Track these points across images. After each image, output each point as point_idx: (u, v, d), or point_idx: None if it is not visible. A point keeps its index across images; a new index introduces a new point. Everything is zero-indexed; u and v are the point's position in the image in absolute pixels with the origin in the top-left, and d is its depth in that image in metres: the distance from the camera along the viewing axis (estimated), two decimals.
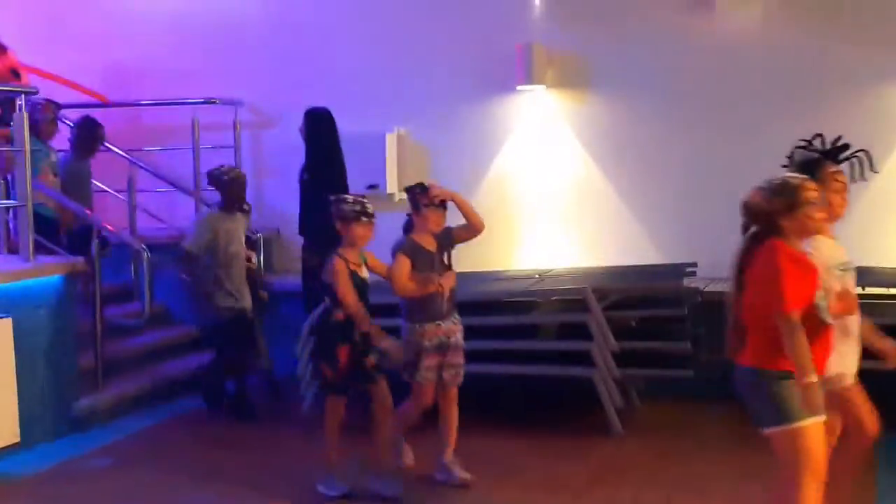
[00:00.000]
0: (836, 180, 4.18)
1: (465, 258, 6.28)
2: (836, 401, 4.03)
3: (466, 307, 5.78)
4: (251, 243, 7.47)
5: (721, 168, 7.51)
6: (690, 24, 7.73)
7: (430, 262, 5.36)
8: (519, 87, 8.08)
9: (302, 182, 7.05)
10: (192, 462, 5.94)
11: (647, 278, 6.99)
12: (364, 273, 5.27)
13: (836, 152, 4.29)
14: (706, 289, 6.73)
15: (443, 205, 5.39)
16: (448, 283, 5.36)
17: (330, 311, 5.24)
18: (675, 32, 7.76)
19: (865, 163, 4.39)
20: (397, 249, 5.39)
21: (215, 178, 6.86)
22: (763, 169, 4.18)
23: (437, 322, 5.33)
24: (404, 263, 5.27)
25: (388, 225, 5.62)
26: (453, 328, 5.42)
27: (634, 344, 6.41)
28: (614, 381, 6.30)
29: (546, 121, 8.16)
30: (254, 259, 7.40)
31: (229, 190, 6.84)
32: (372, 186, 8.10)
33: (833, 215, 4.14)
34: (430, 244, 5.41)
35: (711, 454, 5.89)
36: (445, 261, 5.49)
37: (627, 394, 6.79)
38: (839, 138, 4.31)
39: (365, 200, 5.26)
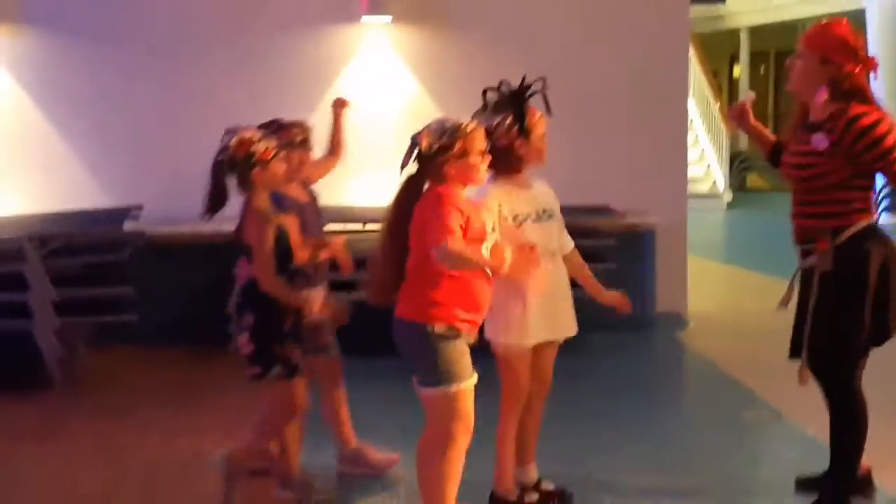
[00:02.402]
0: (539, 123, 3.96)
1: None
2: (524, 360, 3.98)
3: None
4: None
5: (172, 115, 7.49)
6: None
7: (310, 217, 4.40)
8: None
9: None
10: None
11: (89, 223, 6.79)
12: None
13: (523, 92, 3.98)
14: (152, 232, 6.70)
15: (308, 142, 4.44)
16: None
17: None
18: None
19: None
20: (277, 208, 4.20)
21: None
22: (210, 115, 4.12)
23: None
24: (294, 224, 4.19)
25: None
26: None
27: (76, 292, 6.21)
28: (56, 331, 6.08)
29: None
30: None
31: None
32: None
33: (538, 160, 3.97)
34: (303, 195, 4.47)
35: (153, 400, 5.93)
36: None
37: (72, 344, 6.57)
38: (523, 79, 3.98)
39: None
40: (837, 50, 3.87)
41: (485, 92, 4.01)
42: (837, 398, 3.99)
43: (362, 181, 7.43)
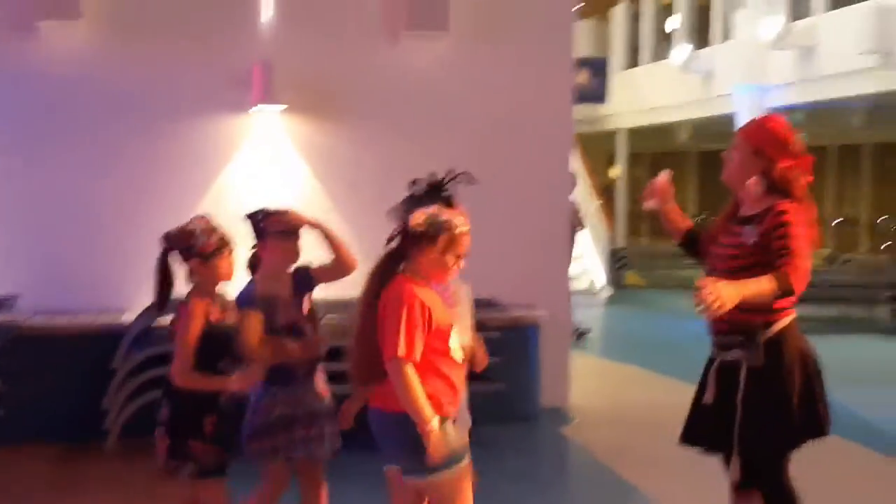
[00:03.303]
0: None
1: None
2: None
3: None
4: None
5: (52, 200, 7.23)
6: None
7: (291, 313, 4.25)
8: None
9: None
10: None
11: None
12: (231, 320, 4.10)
13: (439, 187, 4.08)
14: (26, 323, 6.49)
15: (295, 233, 4.26)
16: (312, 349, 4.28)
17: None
18: None
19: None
20: (245, 302, 4.17)
21: None
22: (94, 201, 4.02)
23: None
24: (256, 321, 4.12)
25: None
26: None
27: None
28: None
29: None
30: None
31: None
32: None
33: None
34: (285, 287, 4.29)
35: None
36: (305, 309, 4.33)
37: None
38: (447, 172, 4.12)
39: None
40: (771, 144, 3.96)
41: (412, 183, 4.07)
42: (770, 492, 4.00)
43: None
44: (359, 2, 7.70)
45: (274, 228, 4.21)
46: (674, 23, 21.20)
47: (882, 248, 20.97)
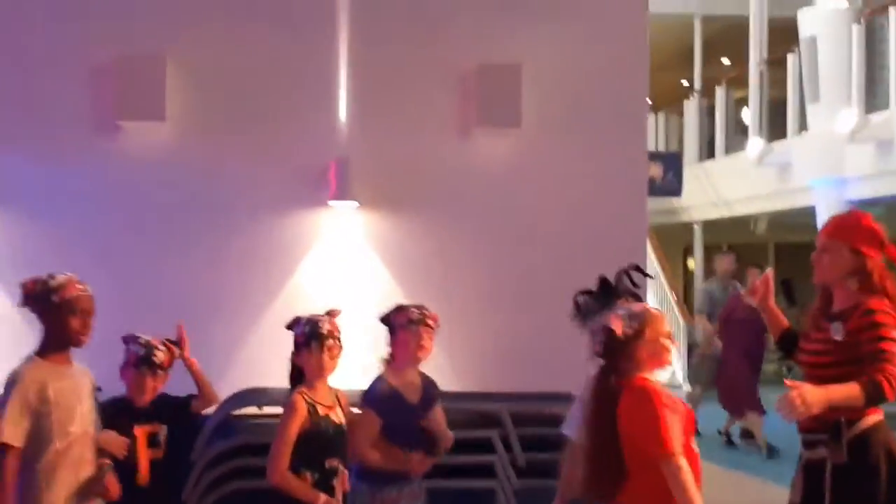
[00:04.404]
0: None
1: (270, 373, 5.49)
2: None
3: None
4: None
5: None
6: None
7: (410, 420, 4.26)
8: None
9: None
10: None
11: None
12: (339, 417, 4.11)
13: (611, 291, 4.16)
14: None
15: (425, 323, 4.33)
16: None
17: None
18: None
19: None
20: (372, 400, 4.16)
21: None
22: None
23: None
24: (374, 423, 4.13)
25: None
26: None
27: None
28: None
29: None
30: None
31: None
32: None
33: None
34: (415, 393, 4.32)
35: None
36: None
37: None
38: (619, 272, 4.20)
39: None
40: (866, 240, 3.91)
41: (575, 296, 4.18)
42: None
43: None
44: (432, 98, 7.82)
45: (402, 320, 4.27)
46: (748, 116, 21.16)
47: None
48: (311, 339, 4.15)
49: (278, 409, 6.33)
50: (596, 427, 3.64)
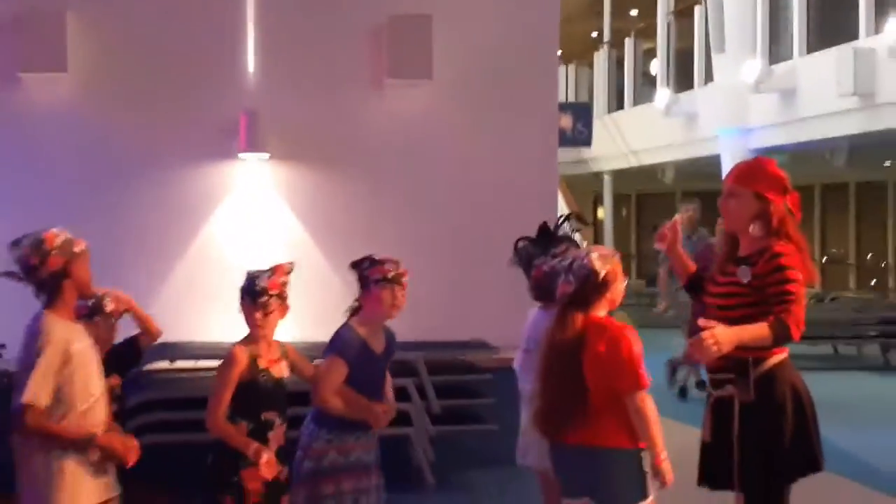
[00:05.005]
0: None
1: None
2: None
3: None
4: None
5: None
6: None
7: (376, 371, 4.22)
8: None
9: None
10: None
11: None
12: (280, 371, 4.11)
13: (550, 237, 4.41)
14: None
15: (399, 281, 4.22)
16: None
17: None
18: None
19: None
20: (341, 348, 4.11)
21: None
22: None
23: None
24: (341, 370, 4.07)
25: None
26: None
27: None
28: None
29: None
30: None
31: None
32: None
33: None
34: (379, 344, 4.25)
35: None
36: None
37: None
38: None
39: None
40: (770, 186, 3.99)
41: (516, 242, 4.43)
42: None
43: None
44: (342, 51, 7.77)
45: (377, 276, 4.19)
46: (656, 67, 21.44)
47: (871, 284, 21.07)
48: (245, 293, 4.15)
49: (189, 364, 6.41)
50: (560, 363, 3.73)
